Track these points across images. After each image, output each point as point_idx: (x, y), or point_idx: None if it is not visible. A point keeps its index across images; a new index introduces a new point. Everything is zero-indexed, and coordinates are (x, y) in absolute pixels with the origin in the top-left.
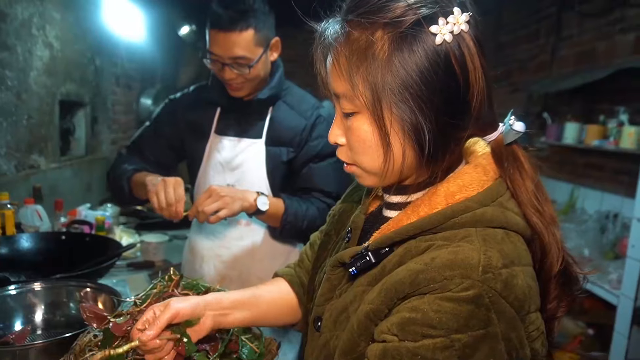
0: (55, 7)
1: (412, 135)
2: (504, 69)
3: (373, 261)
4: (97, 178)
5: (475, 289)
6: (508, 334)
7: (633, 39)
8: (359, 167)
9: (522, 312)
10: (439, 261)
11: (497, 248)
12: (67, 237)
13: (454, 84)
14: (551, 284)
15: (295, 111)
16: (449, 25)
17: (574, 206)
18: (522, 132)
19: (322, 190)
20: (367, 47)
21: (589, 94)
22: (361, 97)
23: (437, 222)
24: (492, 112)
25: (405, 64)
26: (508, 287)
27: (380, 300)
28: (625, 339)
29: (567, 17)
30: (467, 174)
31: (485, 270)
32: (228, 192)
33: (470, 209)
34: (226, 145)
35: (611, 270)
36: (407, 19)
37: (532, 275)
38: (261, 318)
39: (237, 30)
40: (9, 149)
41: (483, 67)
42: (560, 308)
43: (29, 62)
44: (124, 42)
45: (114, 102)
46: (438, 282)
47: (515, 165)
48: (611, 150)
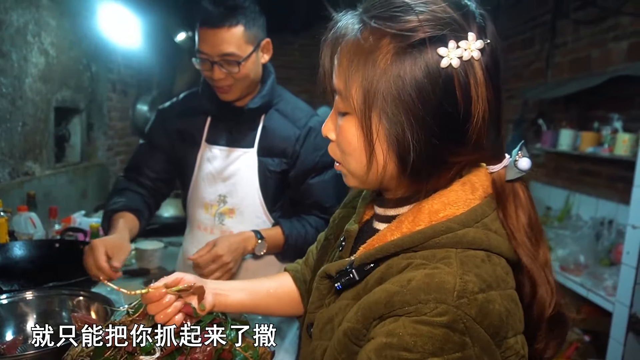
0: (51, 14)
1: (396, 149)
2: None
3: (357, 279)
4: (92, 185)
5: (449, 315)
6: (482, 358)
7: (626, 46)
8: (344, 167)
9: (497, 337)
10: (415, 284)
11: (474, 272)
12: (61, 244)
13: (453, 109)
14: (541, 327)
15: (289, 120)
16: (458, 50)
17: (569, 212)
18: (524, 171)
19: (321, 206)
20: (370, 51)
21: (584, 101)
22: (353, 100)
23: (418, 242)
24: (500, 143)
25: (405, 77)
26: (483, 312)
27: (357, 319)
28: (621, 345)
29: (561, 25)
30: (453, 192)
31: (460, 296)
32: (232, 256)
33: (452, 230)
34: (217, 155)
35: (606, 277)
36: (415, 35)
37: (512, 299)
38: (261, 305)
39: (225, 27)
40: (3, 155)
41: (489, 98)
42: (549, 349)
43: (24, 69)
44: (120, 48)
45: (110, 108)
46: (413, 306)
47: (513, 203)
48: (606, 157)
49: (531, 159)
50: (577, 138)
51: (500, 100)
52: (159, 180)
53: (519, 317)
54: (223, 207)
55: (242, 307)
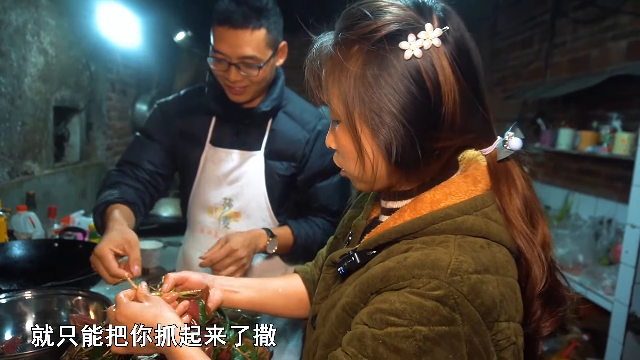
0: (50, 14)
1: (382, 145)
2: (499, 75)
3: (358, 261)
4: (91, 184)
5: (442, 290)
6: (471, 337)
7: (625, 46)
8: (346, 172)
9: (488, 318)
10: (411, 260)
11: (471, 255)
12: (60, 244)
13: (424, 97)
14: (534, 303)
15: (297, 122)
16: (418, 41)
17: (569, 212)
18: (514, 150)
19: (327, 209)
20: (341, 62)
21: (583, 101)
22: (336, 109)
23: (418, 227)
24: (487, 125)
25: (376, 78)
26: (475, 291)
27: (354, 294)
28: (620, 344)
29: (560, 24)
30: (454, 183)
31: (453, 273)
32: (246, 251)
33: (451, 217)
34: (223, 158)
35: (605, 276)
36: (376, 35)
37: (510, 286)
38: (269, 304)
39: (249, 28)
40: (2, 155)
41: (458, 81)
42: (544, 327)
43: (23, 69)
44: (119, 48)
45: (109, 107)
46: (407, 280)
47: (506, 183)
48: (605, 156)
49: (523, 140)
50: (576, 137)
51: (474, 82)
52: (158, 174)
53: (515, 306)
54: (228, 211)
55: (251, 304)
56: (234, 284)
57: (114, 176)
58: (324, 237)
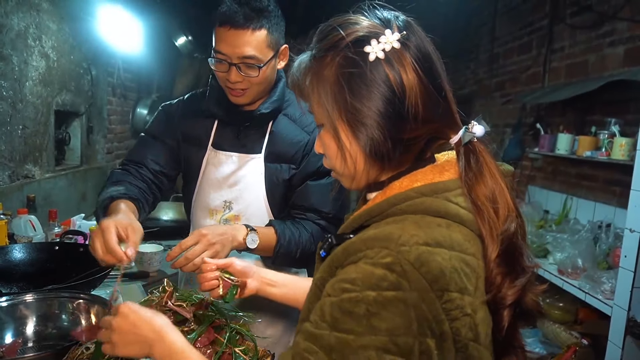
0: (52, 18)
1: (358, 138)
2: (498, 80)
3: (334, 243)
4: (92, 188)
5: (390, 258)
6: (418, 303)
7: (623, 51)
8: (335, 173)
9: (436, 286)
10: (367, 235)
11: (425, 231)
12: (60, 247)
13: (391, 93)
14: (492, 271)
15: (297, 125)
16: (380, 45)
17: (567, 216)
18: (476, 135)
19: (318, 210)
20: (319, 69)
21: (581, 106)
22: (317, 113)
23: (383, 209)
24: (450, 116)
25: (347, 80)
26: (421, 260)
27: (324, 270)
28: (620, 349)
29: (558, 30)
30: (421, 173)
31: (402, 244)
32: (219, 237)
33: (410, 198)
34: (223, 160)
35: (604, 280)
36: (342, 43)
37: (466, 262)
38: (299, 300)
39: (250, 29)
40: (3, 158)
41: (419, 77)
42: (508, 296)
43: (25, 72)
44: (120, 52)
45: (109, 111)
46: (362, 252)
47: (476, 167)
48: (603, 161)
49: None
50: (574, 142)
51: (434, 79)
52: (162, 174)
53: (469, 280)
54: (228, 214)
55: (285, 299)
56: (274, 278)
57: (118, 174)
58: (311, 241)
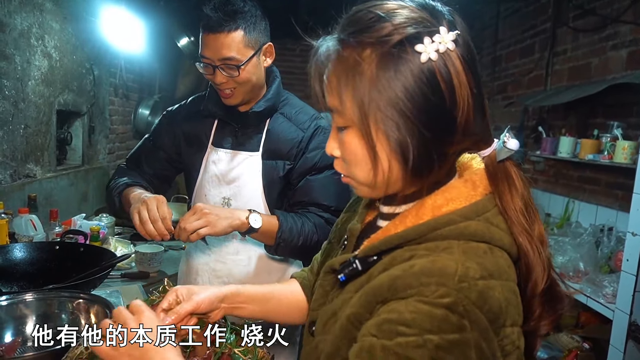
0: (55, 18)
1: (398, 150)
2: (500, 82)
3: (360, 269)
4: (93, 188)
5: (450, 297)
6: (480, 343)
7: (626, 54)
8: (352, 179)
9: (496, 324)
10: (417, 268)
11: (476, 260)
12: (61, 247)
13: (440, 101)
14: (534, 302)
15: (293, 123)
16: (434, 44)
17: (569, 219)
18: (514, 150)
19: (319, 204)
20: (355, 65)
21: (583, 109)
22: (349, 113)
23: (421, 233)
24: (487, 128)
25: (391, 81)
26: (483, 297)
27: (360, 304)
28: (621, 353)
29: (561, 33)
30: (455, 188)
31: (461, 280)
32: (214, 210)
33: (454, 222)
34: (222, 158)
35: (606, 284)
36: (392, 39)
37: (513, 290)
38: (270, 314)
39: (225, 31)
40: (5, 157)
41: (470, 84)
42: (543, 326)
43: (27, 72)
44: (122, 52)
45: (111, 112)
46: (415, 288)
47: (506, 182)
48: (605, 164)
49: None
50: (576, 145)
51: (480, 85)
52: (155, 177)
53: (517, 310)
54: None
55: (254, 317)
56: (241, 300)
57: (124, 169)
58: (314, 231)
